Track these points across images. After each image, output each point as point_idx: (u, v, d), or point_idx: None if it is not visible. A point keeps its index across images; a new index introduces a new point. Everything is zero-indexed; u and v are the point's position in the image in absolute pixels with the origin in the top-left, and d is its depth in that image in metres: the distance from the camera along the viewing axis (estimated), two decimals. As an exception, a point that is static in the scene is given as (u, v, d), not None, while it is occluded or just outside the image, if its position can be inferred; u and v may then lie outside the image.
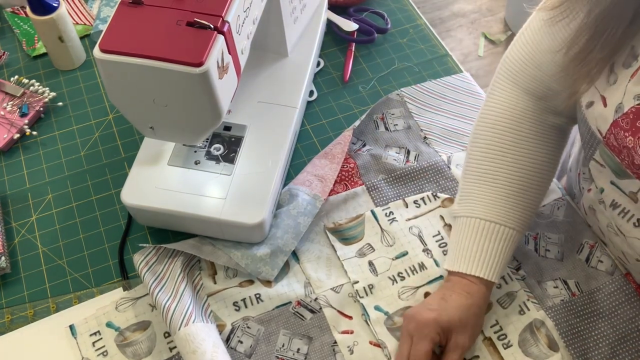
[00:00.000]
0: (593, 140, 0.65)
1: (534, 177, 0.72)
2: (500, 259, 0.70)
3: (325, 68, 1.00)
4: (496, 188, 0.72)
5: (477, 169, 0.73)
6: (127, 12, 0.61)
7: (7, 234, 0.82)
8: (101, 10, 1.06)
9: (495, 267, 0.70)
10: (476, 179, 0.73)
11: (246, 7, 0.67)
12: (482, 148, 0.73)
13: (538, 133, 0.72)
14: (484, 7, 2.56)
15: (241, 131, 0.82)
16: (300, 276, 0.77)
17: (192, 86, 0.60)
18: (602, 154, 0.65)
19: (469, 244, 0.71)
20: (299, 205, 0.79)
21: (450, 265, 0.72)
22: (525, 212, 0.72)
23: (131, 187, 0.76)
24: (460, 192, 0.75)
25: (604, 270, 0.76)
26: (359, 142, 0.90)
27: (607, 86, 0.61)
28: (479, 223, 0.71)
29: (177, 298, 0.72)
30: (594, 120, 0.63)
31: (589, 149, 0.67)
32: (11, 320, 0.75)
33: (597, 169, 0.67)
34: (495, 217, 0.71)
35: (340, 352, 0.72)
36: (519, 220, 0.71)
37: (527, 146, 0.72)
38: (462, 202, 0.74)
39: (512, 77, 0.73)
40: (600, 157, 0.65)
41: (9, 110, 0.93)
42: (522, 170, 0.72)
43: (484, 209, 0.71)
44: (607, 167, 0.65)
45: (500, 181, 0.72)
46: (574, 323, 0.73)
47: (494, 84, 0.76)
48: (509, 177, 0.71)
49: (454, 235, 0.74)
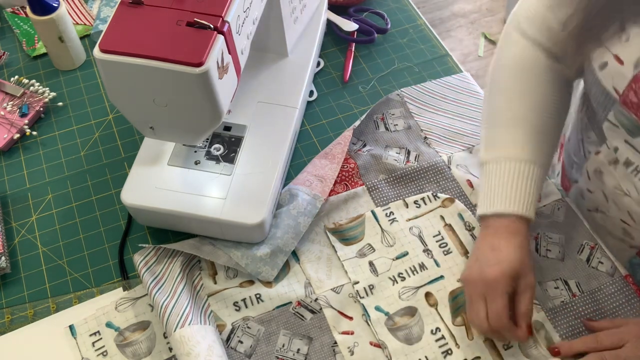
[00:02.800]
0: (607, 101, 0.66)
1: (553, 118, 0.74)
2: (533, 195, 0.72)
3: (325, 68, 1.00)
4: (520, 128, 0.73)
5: (500, 114, 0.75)
6: (127, 12, 0.61)
7: (7, 234, 0.82)
8: (101, 10, 1.06)
9: (530, 203, 0.71)
10: (500, 123, 0.75)
11: (246, 7, 0.67)
12: (502, 94, 0.75)
13: (553, 78, 0.74)
14: (484, 7, 2.56)
15: (241, 131, 0.82)
16: (300, 276, 0.77)
17: (192, 86, 0.60)
18: (616, 114, 0.66)
19: (503, 184, 0.72)
20: (299, 205, 0.79)
21: (486, 208, 0.72)
22: (547, 150, 0.74)
23: (131, 187, 0.76)
24: (485, 140, 0.76)
25: (604, 271, 0.76)
26: (359, 142, 0.90)
27: (619, 44, 0.62)
28: (510, 163, 0.72)
29: (175, 299, 0.72)
30: (610, 79, 0.64)
31: (603, 110, 0.68)
32: (11, 320, 0.75)
33: (611, 129, 0.68)
34: (523, 156, 0.72)
35: (340, 352, 0.72)
36: (544, 158, 0.73)
37: (544, 89, 0.74)
38: (489, 148, 0.75)
39: (522, 31, 0.75)
40: (614, 117, 0.66)
41: (9, 110, 0.93)
42: (542, 111, 0.73)
43: (512, 149, 0.73)
44: (620, 127, 0.66)
45: (523, 122, 0.73)
46: (574, 324, 0.73)
47: (505, 38, 0.78)
48: (531, 117, 0.73)
49: (485, 180, 0.74)
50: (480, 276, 0.69)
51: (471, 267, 0.71)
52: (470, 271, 0.71)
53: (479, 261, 0.70)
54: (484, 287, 0.68)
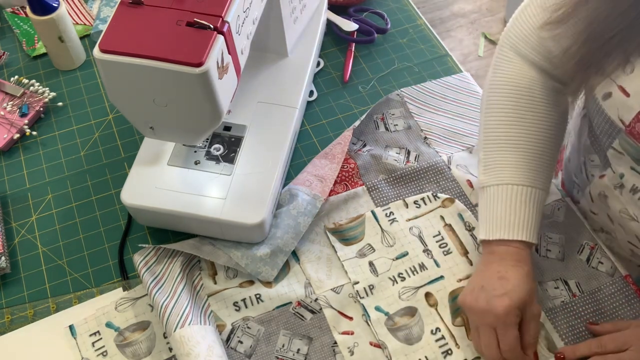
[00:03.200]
0: (612, 129, 0.66)
1: (550, 139, 0.73)
2: (536, 220, 0.71)
3: (325, 68, 1.00)
4: (519, 152, 0.72)
5: (497, 137, 0.74)
6: (127, 12, 0.61)
7: (7, 234, 0.82)
8: (101, 10, 1.06)
9: (534, 228, 0.71)
10: (498, 146, 0.74)
11: (246, 8, 0.67)
12: (499, 115, 0.74)
13: (549, 97, 0.73)
14: (484, 7, 2.56)
15: (241, 131, 0.82)
16: (300, 276, 0.77)
17: (192, 86, 0.60)
18: (621, 142, 0.65)
19: (505, 210, 0.71)
20: (299, 205, 0.79)
21: (489, 234, 0.72)
22: (547, 172, 0.73)
23: (131, 187, 0.76)
24: (484, 163, 0.75)
25: (604, 272, 0.76)
26: (359, 142, 0.90)
27: (623, 76, 0.61)
28: (511, 189, 0.71)
29: (175, 299, 0.72)
30: (615, 110, 0.63)
31: (607, 138, 0.67)
32: (11, 320, 0.75)
33: (616, 156, 0.68)
34: (524, 180, 0.71)
35: (340, 352, 0.72)
36: (544, 180, 0.73)
37: (541, 110, 0.73)
38: (488, 172, 0.74)
39: (517, 50, 0.74)
40: (619, 145, 0.66)
41: (9, 110, 0.93)
42: (540, 133, 0.73)
43: (512, 173, 0.72)
44: (626, 154, 0.66)
45: (522, 145, 0.72)
46: (574, 325, 0.73)
47: (499, 57, 0.76)
48: (530, 140, 0.72)
49: (485, 205, 0.73)
50: (488, 307, 0.67)
51: (476, 295, 0.69)
52: (477, 300, 0.69)
53: (485, 290, 0.69)
54: (493, 319, 0.67)
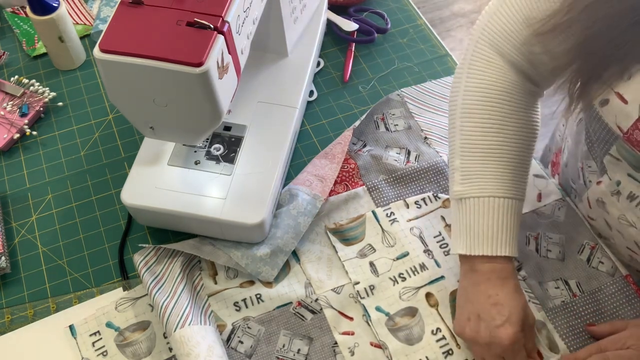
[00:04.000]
0: (610, 136, 0.65)
1: (529, 147, 0.71)
2: (516, 233, 0.69)
3: (325, 68, 1.00)
4: (501, 162, 0.69)
5: (476, 145, 0.70)
6: (127, 12, 0.61)
7: (7, 234, 0.81)
8: (101, 10, 1.06)
9: (514, 241, 0.69)
10: (478, 156, 0.70)
11: (246, 7, 0.66)
12: (477, 123, 0.70)
13: (528, 102, 0.71)
14: (484, 7, 2.56)
15: (241, 131, 0.82)
16: (301, 277, 0.77)
17: (192, 86, 0.60)
18: (618, 148, 0.64)
19: (487, 224, 0.68)
20: (299, 205, 0.79)
21: (471, 249, 0.69)
22: (524, 180, 0.71)
23: (131, 187, 0.76)
24: (462, 172, 0.70)
25: (604, 272, 0.76)
26: (360, 142, 0.90)
27: (621, 82, 0.60)
28: (493, 201, 0.68)
29: (175, 299, 0.72)
30: (613, 117, 0.63)
31: (604, 144, 0.67)
32: (11, 320, 0.75)
33: (613, 162, 0.67)
34: (506, 192, 0.68)
35: (340, 353, 0.72)
36: (523, 189, 0.71)
37: (521, 116, 0.70)
38: (467, 182, 0.70)
39: (496, 47, 0.70)
40: (616, 152, 0.65)
41: (9, 110, 0.92)
42: (520, 141, 0.70)
43: (494, 185, 0.68)
44: (624, 161, 0.65)
45: (504, 155, 0.69)
46: (575, 324, 0.73)
47: (475, 54, 0.71)
48: (511, 149, 0.69)
49: (463, 217, 0.70)
50: (493, 339, 0.66)
51: (475, 326, 0.68)
52: (477, 332, 0.67)
53: (484, 320, 0.67)
54: (501, 350, 0.66)
